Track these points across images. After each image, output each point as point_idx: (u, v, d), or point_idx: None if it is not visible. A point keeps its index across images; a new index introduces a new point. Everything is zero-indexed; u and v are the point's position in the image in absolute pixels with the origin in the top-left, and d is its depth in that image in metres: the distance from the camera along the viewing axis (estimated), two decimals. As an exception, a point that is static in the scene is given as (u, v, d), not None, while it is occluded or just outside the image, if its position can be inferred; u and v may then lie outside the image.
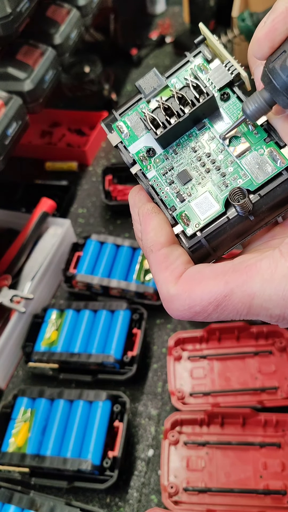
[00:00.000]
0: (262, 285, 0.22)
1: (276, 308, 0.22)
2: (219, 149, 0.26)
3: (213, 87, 0.27)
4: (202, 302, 0.23)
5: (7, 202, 0.99)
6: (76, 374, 0.75)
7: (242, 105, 0.25)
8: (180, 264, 0.25)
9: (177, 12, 1.43)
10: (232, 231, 0.25)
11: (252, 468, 0.62)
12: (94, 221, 0.98)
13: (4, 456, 0.66)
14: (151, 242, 0.25)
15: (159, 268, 0.25)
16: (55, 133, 1.14)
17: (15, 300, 0.76)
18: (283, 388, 0.67)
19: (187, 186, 0.27)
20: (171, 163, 0.27)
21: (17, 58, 0.76)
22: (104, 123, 0.28)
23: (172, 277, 0.24)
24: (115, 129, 0.28)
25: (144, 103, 0.28)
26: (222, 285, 0.23)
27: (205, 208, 0.26)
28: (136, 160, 0.28)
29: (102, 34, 1.26)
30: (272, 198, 0.25)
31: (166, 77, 0.28)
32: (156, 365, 0.76)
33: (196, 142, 0.27)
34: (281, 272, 0.22)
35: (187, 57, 0.28)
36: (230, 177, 0.26)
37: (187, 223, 0.26)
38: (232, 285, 0.22)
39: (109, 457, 0.64)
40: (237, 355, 0.72)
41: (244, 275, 0.22)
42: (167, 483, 0.61)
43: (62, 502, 0.61)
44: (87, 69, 1.16)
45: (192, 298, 0.23)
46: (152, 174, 0.27)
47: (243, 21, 0.99)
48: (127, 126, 0.28)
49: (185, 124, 0.26)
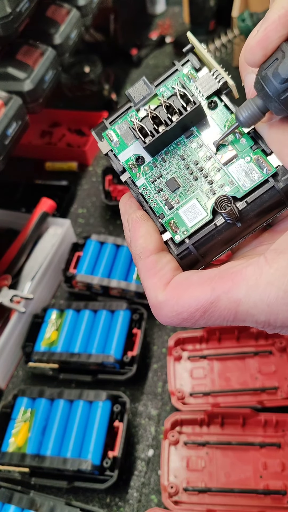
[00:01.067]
0: (247, 292, 0.22)
1: (261, 315, 0.22)
2: (206, 157, 0.27)
3: (201, 96, 0.27)
4: (189, 308, 0.23)
5: (7, 202, 0.99)
6: (76, 374, 0.75)
7: (235, 112, 0.25)
8: (168, 270, 0.25)
9: (177, 12, 1.43)
10: (220, 237, 0.26)
11: (252, 468, 0.62)
12: (94, 221, 0.98)
13: (4, 456, 0.66)
14: (140, 249, 0.26)
15: (148, 274, 0.25)
16: (55, 133, 1.14)
17: (15, 300, 0.76)
18: (283, 388, 0.67)
19: (175, 193, 0.27)
20: (160, 171, 0.27)
21: (17, 58, 0.76)
22: (95, 131, 0.29)
23: (161, 284, 0.25)
24: (105, 138, 0.28)
25: (133, 112, 0.28)
26: (208, 291, 0.23)
27: (193, 216, 0.26)
28: (125, 168, 0.28)
29: (102, 34, 1.26)
30: (259, 204, 0.25)
31: (155, 85, 0.28)
32: (156, 365, 0.76)
33: (184, 150, 0.27)
34: (266, 278, 0.22)
35: (176, 66, 0.28)
36: (218, 184, 0.26)
37: (175, 230, 0.26)
38: (219, 292, 0.23)
39: (109, 457, 0.63)
40: (237, 355, 0.72)
41: (230, 281, 0.23)
42: (167, 483, 0.61)
43: (62, 502, 0.61)
44: (87, 69, 1.16)
45: (179, 304, 0.24)
46: (141, 182, 0.28)
47: (243, 21, 0.99)
48: (117, 135, 0.28)
49: (173, 133, 0.27)
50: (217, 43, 1.08)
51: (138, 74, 1.28)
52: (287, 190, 0.25)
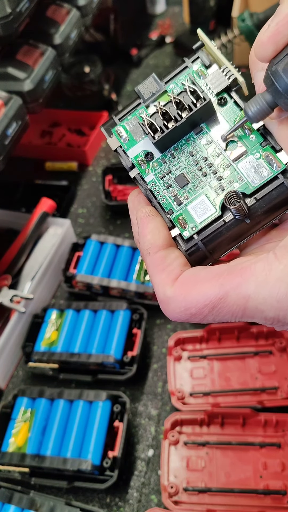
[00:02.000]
0: (256, 288, 0.22)
1: (270, 311, 0.22)
2: (216, 153, 0.27)
3: (211, 92, 0.27)
4: (197, 304, 0.23)
5: (7, 202, 0.99)
6: (76, 374, 0.75)
7: (243, 106, 0.25)
8: (176, 266, 0.25)
9: (177, 12, 1.43)
10: (228, 234, 0.26)
11: (252, 468, 0.62)
12: (94, 221, 0.98)
13: (4, 456, 0.66)
14: (148, 244, 0.26)
15: (156, 270, 0.25)
16: (55, 133, 1.14)
17: (15, 300, 0.76)
18: (283, 388, 0.67)
19: (184, 189, 0.27)
20: (169, 167, 0.27)
21: (17, 58, 0.77)
22: (104, 127, 0.29)
23: (169, 279, 0.24)
24: (114, 134, 0.28)
25: (143, 108, 0.28)
26: (217, 287, 0.23)
27: (202, 212, 0.26)
28: (134, 164, 0.28)
29: (102, 34, 1.26)
30: (268, 201, 0.25)
31: (165, 82, 0.28)
32: (156, 365, 0.76)
33: (194, 146, 0.27)
34: (275, 274, 0.22)
35: (186, 63, 0.28)
36: (227, 180, 0.26)
37: (184, 226, 0.26)
38: (227, 288, 0.23)
39: (109, 457, 0.63)
40: (237, 355, 0.72)
41: (239, 277, 0.22)
42: (167, 483, 0.61)
43: (62, 502, 0.61)
44: (87, 69, 1.16)
45: (188, 300, 0.23)
46: (150, 178, 0.28)
47: (243, 21, 0.99)
48: (126, 131, 0.28)
49: (182, 129, 0.27)
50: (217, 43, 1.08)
51: (138, 74, 1.28)
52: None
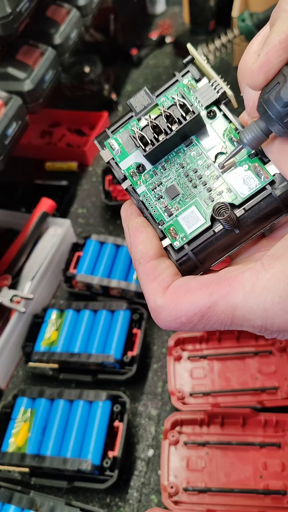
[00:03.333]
0: (244, 297, 0.22)
1: (258, 319, 0.23)
2: (206, 165, 0.27)
3: (200, 105, 0.28)
4: (187, 313, 0.24)
5: (7, 202, 0.99)
6: (76, 374, 0.75)
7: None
8: (167, 276, 0.25)
9: (177, 12, 1.43)
10: (218, 244, 0.26)
11: (252, 468, 0.62)
12: (94, 221, 0.98)
13: (4, 456, 0.66)
14: (140, 254, 0.26)
15: (147, 279, 0.26)
16: (55, 133, 1.14)
17: (15, 300, 0.76)
18: (283, 388, 0.67)
19: (175, 200, 0.27)
20: (160, 178, 0.28)
21: (17, 58, 0.77)
22: (97, 140, 0.29)
23: (160, 288, 0.25)
24: (107, 146, 0.29)
25: (134, 121, 0.29)
26: (206, 296, 0.23)
27: (192, 222, 0.27)
28: (126, 176, 0.28)
29: (102, 34, 1.26)
30: (257, 212, 0.26)
31: (156, 95, 0.29)
32: (156, 365, 0.76)
33: (184, 158, 0.28)
34: (262, 284, 0.22)
35: (176, 77, 0.29)
36: (216, 192, 0.27)
37: (174, 236, 0.27)
38: (216, 297, 0.23)
39: (109, 457, 0.63)
40: (237, 355, 0.72)
41: (227, 286, 0.23)
42: (167, 483, 0.61)
43: (62, 502, 0.61)
44: (87, 69, 1.16)
45: (178, 309, 0.24)
46: (142, 189, 0.28)
47: (243, 21, 0.99)
48: (119, 143, 0.29)
49: (172, 141, 0.27)
50: (217, 43, 1.08)
51: (138, 74, 1.28)
52: (284, 198, 0.25)
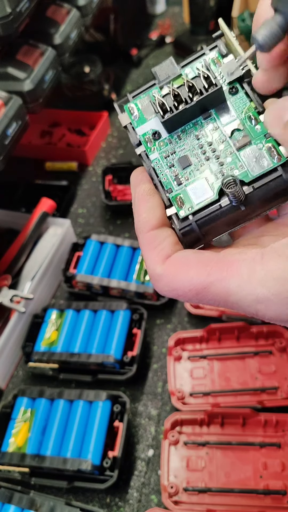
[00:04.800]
0: (239, 285, 0.23)
1: (250, 308, 0.23)
2: (221, 140, 0.27)
3: (223, 80, 0.28)
4: (183, 287, 0.25)
5: (7, 202, 0.99)
6: (76, 374, 0.75)
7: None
8: (167, 245, 0.26)
9: (177, 12, 1.43)
10: (223, 218, 0.26)
11: (252, 468, 0.62)
12: (94, 221, 0.98)
13: (4, 456, 0.66)
14: (142, 223, 0.27)
15: (148, 248, 0.26)
16: (55, 133, 1.14)
17: (15, 300, 0.76)
18: (283, 388, 0.67)
19: (186, 170, 0.28)
20: (174, 147, 0.28)
21: (17, 58, 0.76)
22: (117, 103, 0.30)
23: (159, 258, 0.26)
24: (126, 110, 0.29)
25: (156, 89, 0.29)
26: (204, 275, 0.24)
27: (200, 194, 0.27)
28: (141, 142, 0.29)
29: (102, 34, 1.26)
30: (265, 191, 0.26)
31: (181, 66, 0.29)
32: (156, 365, 0.76)
33: (200, 131, 0.28)
34: (258, 277, 0.23)
35: (203, 50, 0.29)
36: (228, 167, 0.27)
37: (181, 205, 0.27)
38: (212, 278, 0.24)
39: (109, 457, 0.63)
40: (237, 355, 0.72)
41: (225, 271, 0.24)
42: (167, 483, 0.61)
43: (62, 502, 0.61)
44: (87, 69, 1.16)
45: (175, 282, 0.25)
46: (155, 156, 0.28)
47: (243, 21, 0.99)
48: (138, 108, 0.29)
49: (191, 112, 0.27)
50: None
51: (138, 74, 1.28)
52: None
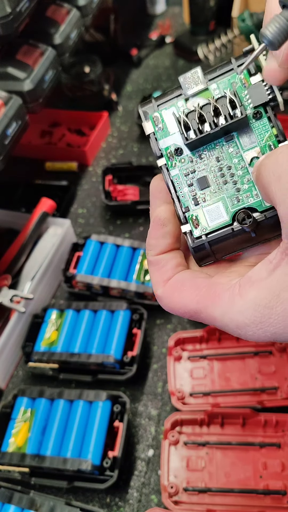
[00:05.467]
0: (222, 313, 0.26)
1: (234, 332, 0.26)
2: (240, 165, 0.28)
3: (249, 103, 0.28)
4: (179, 310, 0.28)
5: (7, 202, 0.99)
6: (76, 374, 0.75)
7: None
8: (169, 268, 0.29)
9: (177, 13, 1.43)
10: (233, 240, 0.28)
11: (252, 468, 0.62)
12: (94, 221, 0.98)
13: (4, 456, 0.66)
14: (151, 246, 0.29)
15: (153, 269, 0.29)
16: (55, 133, 1.14)
17: (15, 300, 0.76)
18: (283, 388, 0.67)
19: (204, 191, 0.29)
20: (194, 166, 0.29)
21: (17, 58, 0.76)
22: (142, 109, 0.30)
23: (161, 280, 0.29)
24: (150, 120, 0.29)
25: (182, 101, 0.29)
26: (194, 303, 0.27)
27: (215, 217, 0.28)
28: (163, 155, 0.29)
29: (102, 34, 1.26)
30: (275, 221, 0.27)
31: (209, 79, 0.29)
32: (156, 365, 0.76)
33: (221, 153, 0.28)
34: (236, 308, 0.25)
35: (232, 65, 0.28)
36: (244, 193, 0.28)
37: (196, 225, 0.29)
38: (201, 306, 0.27)
39: (109, 457, 0.63)
40: (237, 355, 0.72)
41: (210, 301, 0.26)
42: (167, 483, 0.61)
43: (62, 502, 0.61)
44: (87, 69, 1.16)
45: (172, 304, 0.28)
46: (175, 172, 0.29)
47: (243, 21, 0.99)
48: (162, 120, 0.29)
49: (215, 135, 0.28)
50: (217, 43, 1.08)
51: (138, 74, 1.28)
52: None
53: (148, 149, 1.09)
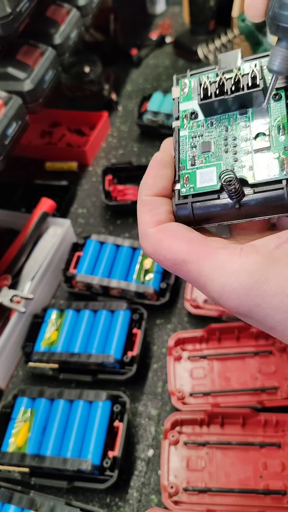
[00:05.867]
0: (212, 269, 0.25)
1: (215, 292, 0.25)
2: (245, 138, 0.28)
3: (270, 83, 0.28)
4: (164, 254, 0.26)
5: (7, 202, 0.99)
6: (76, 374, 0.75)
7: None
8: (163, 212, 0.28)
9: (177, 12, 1.43)
10: (217, 210, 0.28)
11: (252, 468, 0.62)
12: (94, 221, 0.98)
13: (4, 456, 0.66)
14: (146, 186, 0.28)
15: (144, 209, 0.28)
16: (55, 133, 1.14)
17: (15, 300, 0.76)
18: (283, 388, 0.67)
19: (203, 155, 0.29)
20: (203, 131, 0.30)
21: (17, 58, 0.76)
22: (176, 76, 0.32)
23: (152, 220, 0.27)
24: (179, 84, 0.31)
25: (213, 73, 0.30)
26: (185, 251, 0.26)
27: (205, 179, 0.28)
28: (179, 117, 0.30)
29: (102, 34, 1.26)
30: (263, 198, 0.26)
31: (245, 60, 0.29)
32: (156, 365, 0.76)
33: (233, 124, 0.29)
34: (231, 267, 0.24)
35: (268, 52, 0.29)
36: (239, 164, 0.28)
37: (185, 183, 0.29)
38: (192, 257, 0.25)
39: (109, 457, 0.63)
40: (237, 355, 0.72)
41: (205, 254, 0.25)
42: (167, 483, 0.61)
43: (62, 502, 0.61)
44: (87, 69, 1.16)
45: (158, 247, 0.27)
46: (184, 133, 0.30)
47: (243, 21, 0.99)
48: (189, 86, 0.31)
49: (230, 104, 0.28)
50: (217, 43, 1.08)
51: (138, 74, 1.28)
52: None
53: (148, 148, 1.09)
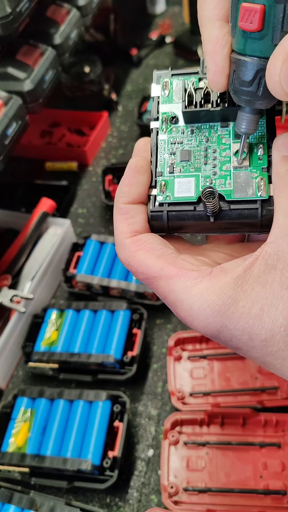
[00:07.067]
0: (181, 290, 0.25)
1: (182, 311, 0.26)
2: (224, 152, 0.28)
3: None
4: (137, 267, 0.27)
5: (7, 202, 0.99)
6: (76, 374, 0.75)
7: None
8: (139, 221, 0.28)
9: (177, 12, 1.43)
10: (191, 221, 0.28)
11: (252, 468, 0.62)
12: (94, 221, 0.98)
13: (4, 456, 0.66)
14: (122, 193, 0.28)
15: (120, 218, 0.28)
16: (55, 133, 1.14)
17: (15, 300, 0.76)
18: (283, 388, 0.67)
19: (182, 164, 0.29)
20: (183, 138, 0.29)
21: (17, 58, 0.76)
22: (157, 73, 0.31)
23: (129, 229, 0.28)
24: (160, 83, 0.31)
25: (196, 78, 0.30)
26: (158, 268, 0.26)
27: (183, 190, 0.28)
28: (159, 119, 0.30)
29: (102, 34, 1.26)
30: (237, 215, 0.27)
31: None
32: (156, 365, 0.76)
33: (213, 135, 0.29)
34: (200, 288, 0.25)
35: None
36: (218, 178, 0.28)
37: (162, 191, 0.29)
38: (164, 273, 0.26)
39: (109, 457, 0.63)
40: (237, 355, 0.72)
41: (176, 272, 0.26)
42: (167, 483, 0.61)
43: (62, 502, 0.61)
44: (87, 69, 1.16)
45: (132, 260, 0.27)
46: (163, 137, 0.30)
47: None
48: (171, 87, 0.30)
49: (212, 115, 0.28)
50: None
51: (138, 74, 1.28)
52: (265, 219, 0.27)
53: (148, 149, 1.08)
